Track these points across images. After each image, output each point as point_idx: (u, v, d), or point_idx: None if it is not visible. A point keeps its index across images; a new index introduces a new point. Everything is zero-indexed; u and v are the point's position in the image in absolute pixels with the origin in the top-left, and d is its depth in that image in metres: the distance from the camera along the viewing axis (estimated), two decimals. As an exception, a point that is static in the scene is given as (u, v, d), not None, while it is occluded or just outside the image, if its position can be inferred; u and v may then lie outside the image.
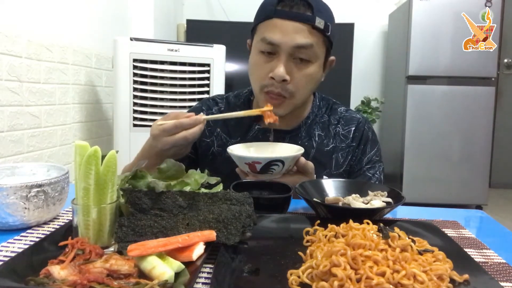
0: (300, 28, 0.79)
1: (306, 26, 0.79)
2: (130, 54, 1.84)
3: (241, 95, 1.00)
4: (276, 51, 0.81)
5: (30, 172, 0.70)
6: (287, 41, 0.79)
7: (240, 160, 0.76)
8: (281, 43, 0.80)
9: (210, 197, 0.56)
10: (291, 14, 0.79)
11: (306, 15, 0.79)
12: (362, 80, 3.33)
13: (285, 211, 0.68)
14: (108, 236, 0.52)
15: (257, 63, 0.85)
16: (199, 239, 0.48)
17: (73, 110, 1.81)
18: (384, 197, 0.66)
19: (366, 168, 0.93)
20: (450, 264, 0.45)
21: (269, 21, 0.81)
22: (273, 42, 0.80)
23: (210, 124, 0.96)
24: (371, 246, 0.44)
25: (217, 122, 0.96)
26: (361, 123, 0.96)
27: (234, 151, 0.78)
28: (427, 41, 2.80)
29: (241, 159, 0.76)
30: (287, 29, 0.79)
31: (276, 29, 0.80)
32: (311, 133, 0.93)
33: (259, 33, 0.84)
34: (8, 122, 1.39)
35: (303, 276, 0.43)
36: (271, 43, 0.80)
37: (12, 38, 1.38)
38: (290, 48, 0.80)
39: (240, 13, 3.12)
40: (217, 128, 0.95)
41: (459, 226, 0.67)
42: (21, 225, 0.61)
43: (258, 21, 0.84)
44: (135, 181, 0.58)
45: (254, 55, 0.86)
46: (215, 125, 0.96)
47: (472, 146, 2.88)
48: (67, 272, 0.42)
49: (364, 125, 0.96)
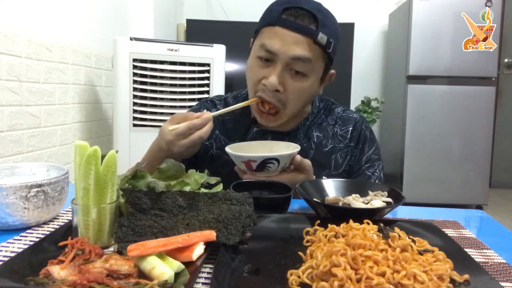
0: (300, 40, 0.78)
1: (307, 39, 0.78)
2: (130, 54, 1.84)
3: (239, 96, 1.00)
4: (273, 59, 0.80)
5: (30, 172, 0.70)
6: (285, 52, 0.78)
7: (237, 159, 0.78)
8: (279, 53, 0.79)
9: (210, 197, 0.56)
10: (294, 25, 0.78)
11: (309, 29, 0.78)
12: (362, 80, 3.32)
13: (285, 211, 0.68)
14: (108, 236, 0.52)
15: (253, 67, 0.84)
16: (199, 239, 0.48)
17: (73, 110, 1.81)
18: (384, 197, 0.66)
19: (365, 167, 0.92)
20: (451, 264, 0.45)
21: (272, 28, 0.80)
22: (271, 50, 0.79)
23: None
24: (371, 246, 0.44)
25: (216, 125, 0.95)
26: (358, 123, 0.95)
27: (232, 150, 0.79)
28: (427, 41, 2.80)
29: (238, 158, 0.77)
30: (287, 39, 0.78)
31: (276, 38, 0.79)
32: (309, 134, 0.93)
33: (260, 38, 0.83)
34: (7, 122, 1.39)
35: (303, 276, 0.43)
36: (269, 51, 0.79)
37: (12, 38, 1.38)
38: (287, 59, 0.79)
39: (240, 13, 3.12)
40: (216, 131, 0.95)
41: (459, 226, 0.67)
42: (21, 225, 0.60)
43: (262, 25, 0.84)
44: (135, 181, 0.58)
45: (252, 58, 0.86)
46: (214, 128, 0.95)
47: (472, 146, 2.88)
48: (66, 272, 0.42)
49: (361, 124, 0.95)
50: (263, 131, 0.93)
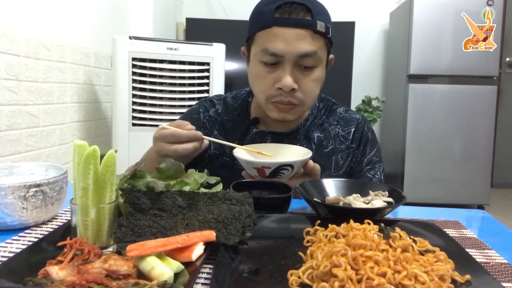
0: (302, 35, 0.76)
1: (307, 31, 0.77)
2: (129, 53, 1.83)
3: (238, 96, 0.98)
4: (279, 61, 0.79)
5: (28, 171, 0.69)
6: (290, 51, 0.77)
7: (248, 165, 0.75)
8: (284, 53, 0.77)
9: (209, 197, 0.56)
10: (292, 21, 0.76)
11: (306, 21, 0.76)
12: (363, 79, 3.32)
13: (285, 211, 0.68)
14: (107, 236, 0.52)
15: (260, 75, 0.81)
16: (199, 239, 0.48)
17: (71, 109, 1.80)
18: (385, 197, 0.66)
19: (366, 169, 0.92)
20: (452, 265, 0.45)
21: (269, 30, 0.77)
22: (277, 52, 0.77)
23: (207, 127, 0.94)
24: (372, 247, 0.43)
25: (214, 125, 0.94)
26: (361, 124, 0.94)
27: (242, 156, 0.76)
28: (429, 40, 2.79)
29: (250, 164, 0.74)
30: (289, 38, 0.76)
31: (277, 39, 0.77)
32: (310, 135, 0.92)
33: (258, 43, 0.80)
34: (6, 122, 1.38)
35: (304, 276, 0.43)
36: (274, 53, 0.77)
37: (10, 36, 1.38)
38: (295, 57, 0.77)
39: (240, 12, 3.11)
40: (214, 131, 0.94)
41: (460, 226, 0.67)
42: (19, 225, 0.60)
43: (255, 30, 0.81)
44: (134, 181, 0.58)
45: (255, 66, 0.83)
46: (212, 128, 0.94)
47: (474, 146, 2.87)
48: (65, 272, 0.42)
49: (363, 125, 0.94)
50: (262, 132, 0.91)
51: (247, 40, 0.86)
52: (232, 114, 0.95)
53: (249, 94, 0.97)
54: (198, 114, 0.96)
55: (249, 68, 0.86)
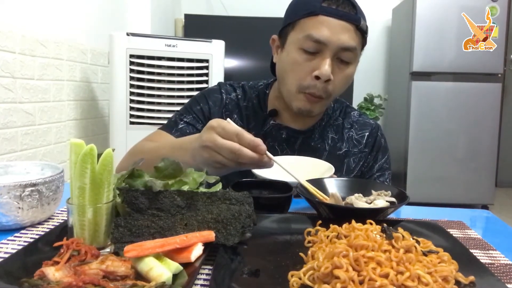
0: (347, 28, 0.77)
1: (352, 26, 0.78)
2: (127, 50, 1.82)
3: (256, 86, 0.97)
4: (320, 50, 0.78)
5: (24, 170, 0.68)
6: (335, 41, 0.77)
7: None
8: (328, 42, 0.77)
9: (208, 197, 0.55)
10: (339, 12, 0.77)
11: (352, 15, 0.78)
12: (365, 76, 3.27)
13: (286, 211, 0.67)
14: (104, 237, 0.51)
15: (297, 61, 0.80)
16: (198, 240, 0.47)
17: (68, 107, 1.79)
18: (388, 197, 0.65)
19: (376, 176, 0.93)
20: (456, 266, 0.44)
21: (315, 18, 0.78)
22: (321, 40, 0.77)
23: (229, 109, 0.93)
24: (374, 247, 0.43)
25: (234, 109, 0.93)
26: (375, 129, 0.96)
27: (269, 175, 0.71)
28: (432, 36, 2.76)
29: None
30: (335, 28, 0.77)
31: (323, 27, 0.77)
32: (324, 135, 0.92)
33: (301, 29, 0.80)
34: (1, 120, 1.37)
35: (305, 277, 0.42)
36: (319, 40, 0.77)
37: (5, 33, 1.36)
38: (337, 48, 0.78)
39: (240, 8, 3.10)
40: (234, 115, 0.93)
41: (464, 226, 0.66)
42: (15, 225, 0.59)
43: (299, 17, 0.80)
44: (132, 180, 0.57)
45: (292, 52, 0.81)
46: (233, 111, 0.93)
47: (478, 144, 2.84)
48: (62, 273, 0.41)
49: (377, 131, 0.96)
50: (279, 125, 0.91)
51: (284, 27, 0.85)
52: (251, 102, 0.94)
53: (267, 86, 0.96)
54: (220, 94, 0.95)
55: (282, 56, 0.85)
